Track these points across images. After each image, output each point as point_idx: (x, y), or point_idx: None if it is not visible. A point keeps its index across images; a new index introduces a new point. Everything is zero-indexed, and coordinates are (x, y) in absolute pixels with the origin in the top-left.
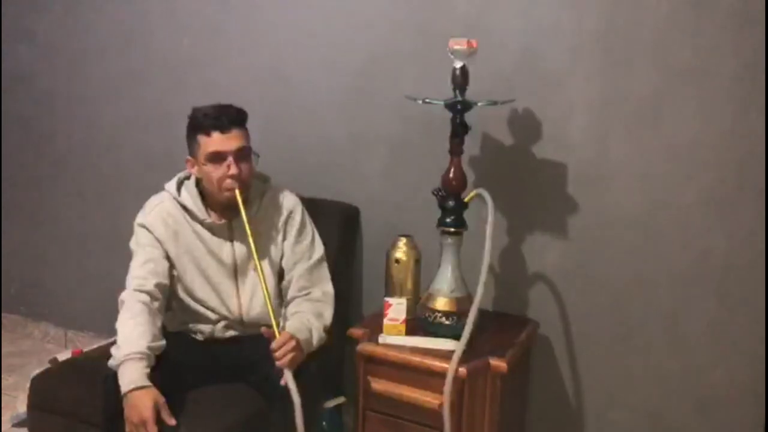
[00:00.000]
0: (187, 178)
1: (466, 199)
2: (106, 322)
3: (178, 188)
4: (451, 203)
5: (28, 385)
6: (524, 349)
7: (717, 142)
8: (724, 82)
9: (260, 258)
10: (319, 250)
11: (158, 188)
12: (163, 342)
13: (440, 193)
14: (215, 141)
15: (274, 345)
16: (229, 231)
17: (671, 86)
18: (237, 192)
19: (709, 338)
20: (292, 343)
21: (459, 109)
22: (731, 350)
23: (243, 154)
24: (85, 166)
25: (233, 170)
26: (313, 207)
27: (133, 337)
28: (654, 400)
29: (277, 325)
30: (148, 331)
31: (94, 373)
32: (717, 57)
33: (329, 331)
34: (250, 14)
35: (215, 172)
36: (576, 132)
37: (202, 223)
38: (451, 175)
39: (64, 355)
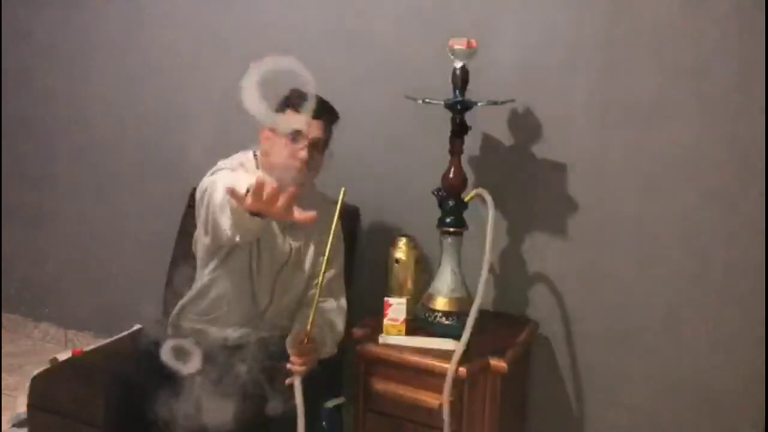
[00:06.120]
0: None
1: (466, 199)
2: (106, 322)
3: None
4: (451, 203)
5: (28, 385)
6: (524, 349)
7: (717, 143)
8: (725, 82)
9: (297, 258)
10: (341, 263)
11: (158, 188)
12: None
13: (440, 193)
14: (301, 120)
15: (300, 350)
16: (284, 224)
17: (671, 86)
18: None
19: (709, 338)
20: (315, 355)
21: (459, 109)
22: (731, 350)
23: (318, 145)
24: (85, 166)
25: (302, 154)
26: None
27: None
28: (654, 400)
29: (312, 326)
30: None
31: (94, 373)
32: (717, 57)
33: (338, 343)
34: (250, 14)
35: (288, 148)
36: (576, 132)
37: None
38: (451, 175)
39: (64, 355)
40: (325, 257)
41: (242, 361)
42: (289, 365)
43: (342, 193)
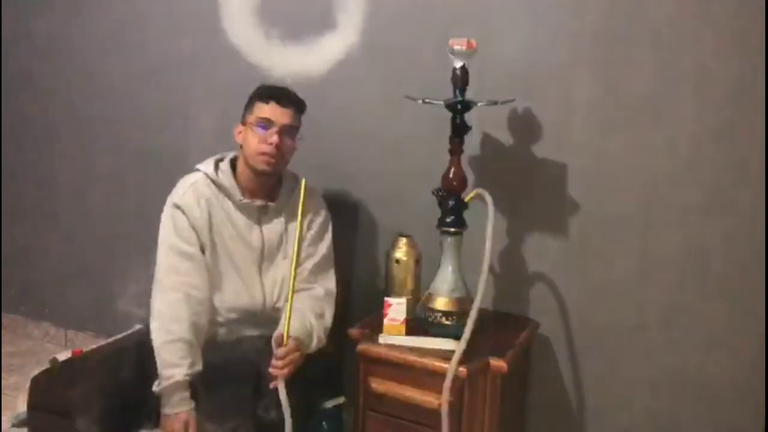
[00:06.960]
0: (221, 160)
1: (466, 199)
2: (106, 322)
3: (215, 169)
4: (451, 203)
5: (28, 385)
6: (524, 349)
7: (717, 142)
8: (724, 81)
9: (280, 250)
10: (329, 245)
11: (158, 188)
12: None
13: (440, 193)
14: (269, 109)
15: (280, 352)
16: (259, 214)
17: (671, 86)
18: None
19: (709, 338)
20: (297, 355)
21: (459, 109)
22: (731, 350)
23: (289, 131)
24: (85, 166)
25: (273, 139)
26: None
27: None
28: (654, 399)
29: (288, 327)
30: (189, 356)
31: (94, 373)
32: (717, 57)
33: (328, 333)
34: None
35: (258, 136)
36: (576, 132)
37: (236, 203)
38: (451, 175)
39: (64, 355)
40: (294, 252)
41: (236, 360)
42: (270, 368)
43: (303, 182)
